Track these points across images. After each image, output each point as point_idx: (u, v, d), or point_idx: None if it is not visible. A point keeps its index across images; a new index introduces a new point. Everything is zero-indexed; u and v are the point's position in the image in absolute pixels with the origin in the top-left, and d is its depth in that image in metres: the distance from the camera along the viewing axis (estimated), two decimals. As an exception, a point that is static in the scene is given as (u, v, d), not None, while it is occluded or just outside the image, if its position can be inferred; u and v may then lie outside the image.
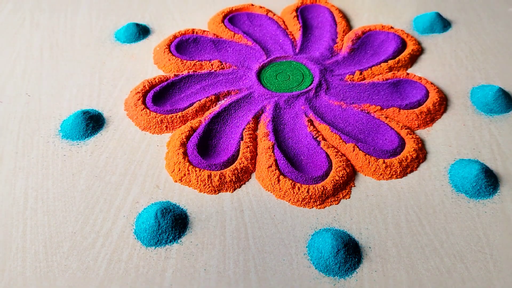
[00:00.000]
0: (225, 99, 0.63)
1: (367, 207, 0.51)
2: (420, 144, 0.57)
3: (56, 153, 0.57)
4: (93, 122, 0.59)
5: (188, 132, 0.57)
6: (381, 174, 0.54)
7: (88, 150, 0.57)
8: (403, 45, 0.71)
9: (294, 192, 0.51)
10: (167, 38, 0.73)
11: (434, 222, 0.49)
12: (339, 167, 0.53)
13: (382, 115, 0.60)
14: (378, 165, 0.54)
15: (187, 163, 0.53)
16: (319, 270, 0.45)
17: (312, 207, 0.51)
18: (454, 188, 0.52)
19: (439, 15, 0.76)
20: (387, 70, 0.67)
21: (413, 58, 0.70)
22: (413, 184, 0.53)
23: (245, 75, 0.67)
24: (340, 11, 0.79)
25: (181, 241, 0.48)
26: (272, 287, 0.44)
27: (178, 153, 0.54)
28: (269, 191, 0.52)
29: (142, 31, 0.75)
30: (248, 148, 0.56)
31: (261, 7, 0.80)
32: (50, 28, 0.78)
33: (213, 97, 0.63)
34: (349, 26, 0.77)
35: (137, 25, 0.75)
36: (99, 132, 0.59)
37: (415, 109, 0.60)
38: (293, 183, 0.51)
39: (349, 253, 0.45)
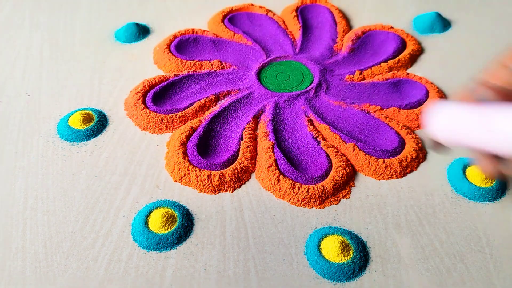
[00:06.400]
0: (225, 99, 0.63)
1: (367, 207, 0.51)
2: (420, 144, 0.57)
3: (56, 153, 0.57)
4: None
5: (188, 132, 0.57)
6: (381, 174, 0.54)
7: (88, 150, 0.57)
8: (403, 45, 0.71)
9: (294, 192, 0.51)
10: (167, 38, 0.73)
11: (434, 222, 0.49)
12: (339, 167, 0.53)
13: (382, 115, 0.60)
14: (378, 165, 0.54)
15: (187, 163, 0.53)
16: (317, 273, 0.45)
17: (312, 207, 0.51)
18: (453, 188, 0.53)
19: (439, 15, 0.76)
20: (387, 70, 0.67)
21: (413, 58, 0.70)
22: (413, 184, 0.53)
23: (245, 75, 0.67)
24: (340, 11, 0.79)
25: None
26: (272, 287, 0.44)
27: (178, 153, 0.54)
28: (269, 191, 0.52)
29: (142, 31, 0.75)
30: (248, 148, 0.56)
31: (261, 7, 0.80)
32: (50, 28, 0.78)
33: (213, 97, 0.63)
34: (349, 26, 0.77)
35: (137, 25, 0.75)
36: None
37: (415, 109, 0.60)
38: (293, 183, 0.51)
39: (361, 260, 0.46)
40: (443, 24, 0.76)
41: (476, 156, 0.32)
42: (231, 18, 0.78)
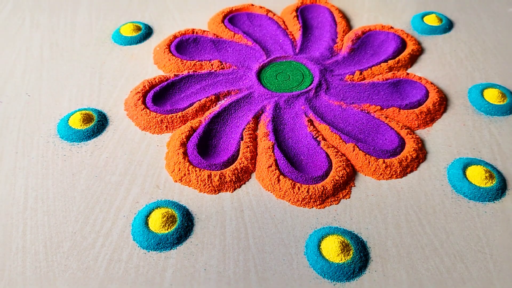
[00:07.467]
0: (225, 99, 0.63)
1: (367, 207, 0.51)
2: (420, 144, 0.57)
3: (56, 153, 0.57)
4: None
5: (188, 132, 0.57)
6: (381, 174, 0.54)
7: (88, 150, 0.57)
8: (403, 45, 0.71)
9: (294, 192, 0.51)
10: (167, 38, 0.73)
11: (434, 222, 0.49)
12: (339, 167, 0.53)
13: (382, 115, 0.60)
14: (378, 165, 0.54)
15: (187, 163, 0.53)
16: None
17: (312, 207, 0.51)
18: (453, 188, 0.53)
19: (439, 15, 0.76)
20: (387, 70, 0.67)
21: (413, 58, 0.70)
22: (413, 184, 0.53)
23: (245, 75, 0.67)
24: (340, 11, 0.79)
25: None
26: (272, 287, 0.44)
27: (178, 153, 0.54)
28: (269, 191, 0.52)
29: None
30: (248, 148, 0.56)
31: (261, 7, 0.80)
32: (50, 28, 0.78)
33: (213, 97, 0.63)
34: (349, 26, 0.77)
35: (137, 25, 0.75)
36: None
37: (415, 109, 0.60)
38: (293, 183, 0.51)
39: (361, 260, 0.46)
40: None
41: None
42: (231, 18, 0.78)
